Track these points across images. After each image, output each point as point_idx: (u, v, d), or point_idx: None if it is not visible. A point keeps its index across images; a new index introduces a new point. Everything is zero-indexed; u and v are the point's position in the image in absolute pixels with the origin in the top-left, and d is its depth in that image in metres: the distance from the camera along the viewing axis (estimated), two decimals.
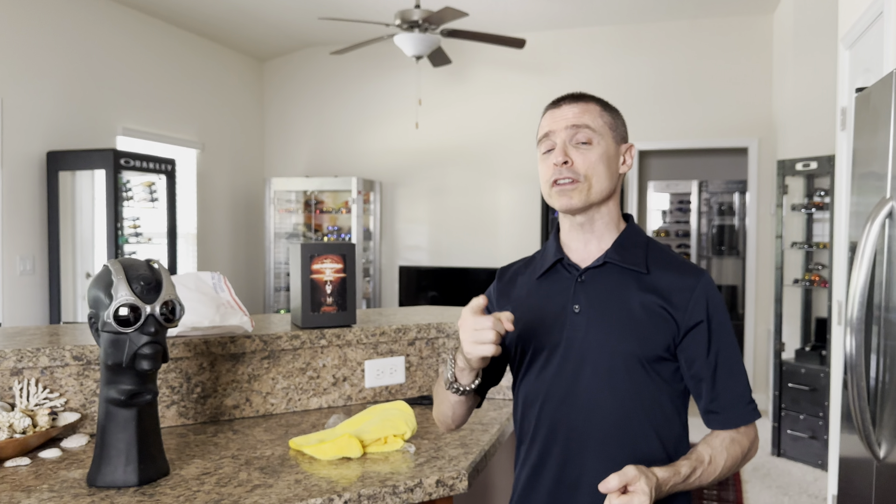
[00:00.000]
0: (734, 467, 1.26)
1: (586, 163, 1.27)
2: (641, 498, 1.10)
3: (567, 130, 1.28)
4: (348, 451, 1.57)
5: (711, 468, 1.23)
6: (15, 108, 4.52)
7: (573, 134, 1.28)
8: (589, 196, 1.28)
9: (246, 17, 5.94)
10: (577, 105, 1.30)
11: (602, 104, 1.33)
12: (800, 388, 4.45)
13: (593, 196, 1.28)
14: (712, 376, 1.27)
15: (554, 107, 1.33)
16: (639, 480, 1.11)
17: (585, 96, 1.33)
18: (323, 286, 2.05)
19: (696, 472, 1.21)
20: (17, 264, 4.57)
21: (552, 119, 1.31)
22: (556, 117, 1.31)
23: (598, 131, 1.29)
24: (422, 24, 4.51)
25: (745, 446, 1.28)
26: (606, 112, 1.32)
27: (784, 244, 4.73)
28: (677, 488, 1.20)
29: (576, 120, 1.28)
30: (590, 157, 1.28)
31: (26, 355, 1.68)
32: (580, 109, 1.30)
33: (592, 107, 1.31)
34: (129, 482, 1.39)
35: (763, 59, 5.81)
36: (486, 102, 6.55)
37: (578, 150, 1.28)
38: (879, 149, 1.82)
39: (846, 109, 3.03)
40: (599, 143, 1.29)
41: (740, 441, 1.27)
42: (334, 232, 6.78)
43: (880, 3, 2.49)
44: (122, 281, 1.38)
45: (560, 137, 1.29)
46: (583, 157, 1.27)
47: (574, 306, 1.30)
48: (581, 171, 1.27)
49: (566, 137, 1.28)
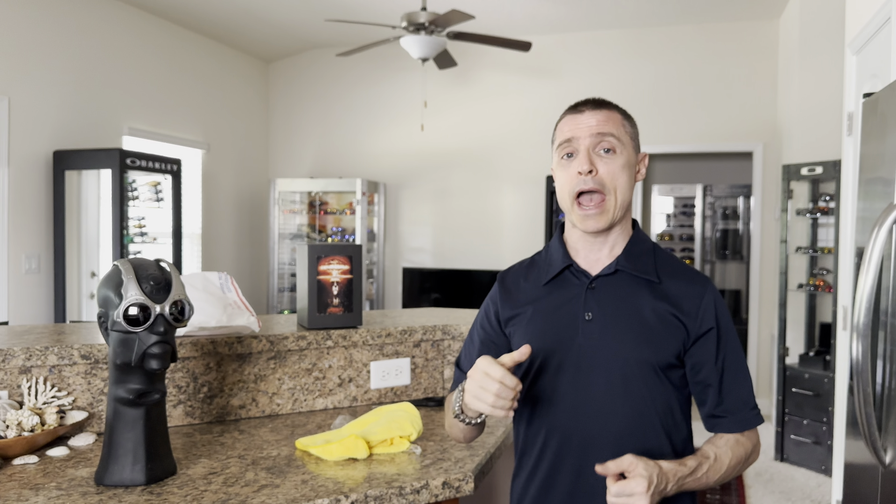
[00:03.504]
0: (738, 468, 1.27)
1: (610, 172, 1.26)
2: (639, 481, 1.10)
3: (591, 138, 1.26)
4: (355, 452, 1.57)
5: (717, 465, 1.23)
6: (22, 108, 4.53)
7: (597, 142, 1.26)
8: (614, 215, 1.27)
9: (252, 19, 5.95)
10: (600, 112, 1.28)
11: (623, 113, 1.32)
12: (803, 394, 4.44)
13: (618, 213, 1.27)
14: (719, 382, 1.28)
15: (575, 111, 1.30)
16: (636, 466, 1.12)
17: (607, 103, 1.31)
18: (329, 287, 2.05)
19: (703, 468, 1.21)
20: (23, 263, 4.58)
21: (574, 124, 1.28)
22: (580, 123, 1.28)
23: (621, 140, 1.27)
24: (428, 26, 4.52)
25: (748, 449, 1.29)
26: (627, 121, 1.31)
27: (789, 249, 4.73)
28: (685, 483, 1.19)
29: (600, 128, 1.26)
30: (613, 167, 1.26)
31: (35, 353, 1.69)
32: (604, 117, 1.28)
33: (615, 115, 1.29)
34: (136, 481, 1.39)
35: (768, 63, 5.81)
36: (492, 105, 6.55)
37: (602, 159, 1.26)
38: (887, 154, 1.82)
39: (853, 115, 3.03)
40: (622, 152, 1.27)
41: (744, 444, 1.28)
42: (338, 233, 6.79)
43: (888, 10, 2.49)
44: (132, 280, 1.38)
45: (583, 144, 1.26)
46: (607, 166, 1.26)
47: (586, 314, 1.28)
48: (605, 180, 1.25)
49: (590, 145, 1.26)
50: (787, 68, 5.28)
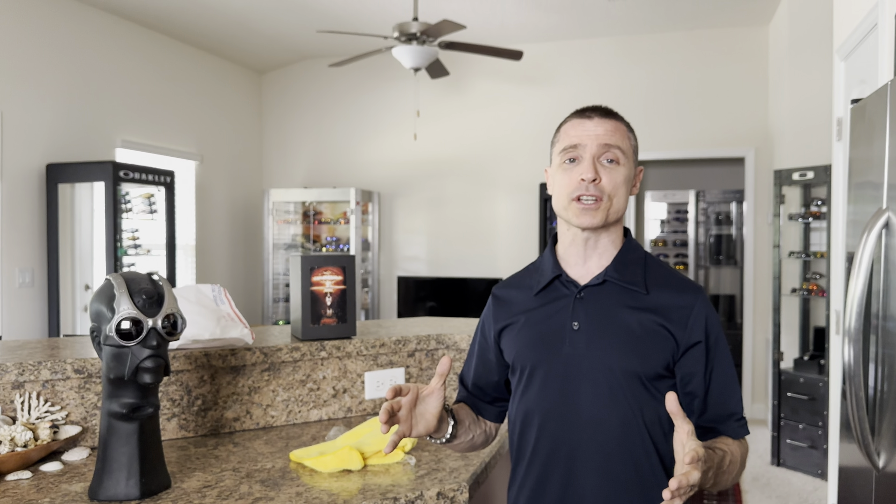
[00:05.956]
0: (739, 471, 1.27)
1: (612, 183, 1.27)
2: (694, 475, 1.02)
3: (599, 147, 1.27)
4: (349, 464, 1.57)
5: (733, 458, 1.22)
6: (14, 121, 4.53)
7: (603, 152, 1.27)
8: (608, 216, 1.28)
9: (245, 30, 5.97)
10: (608, 121, 1.29)
11: (628, 126, 1.33)
12: (799, 398, 4.45)
13: (611, 216, 1.28)
14: (706, 392, 1.28)
15: (583, 116, 1.30)
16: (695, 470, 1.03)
17: (614, 113, 1.32)
18: (323, 298, 2.06)
19: (725, 460, 1.19)
20: (17, 276, 4.57)
21: (582, 130, 1.29)
22: (587, 130, 1.28)
23: (625, 153, 1.29)
24: (420, 36, 4.54)
25: (743, 453, 1.30)
26: (631, 134, 1.33)
27: (782, 253, 4.74)
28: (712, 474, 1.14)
29: (608, 138, 1.27)
30: (616, 178, 1.27)
31: (28, 368, 1.68)
32: (612, 127, 1.29)
33: (622, 127, 1.31)
34: (130, 496, 1.39)
35: (759, 69, 5.85)
36: (484, 113, 6.58)
37: (606, 169, 1.27)
38: (875, 159, 1.84)
39: (842, 120, 3.05)
40: (625, 164, 1.29)
41: (739, 447, 1.29)
42: (333, 243, 6.79)
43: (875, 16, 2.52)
44: (124, 294, 1.39)
45: (589, 152, 1.27)
46: (610, 176, 1.27)
47: (573, 323, 1.29)
48: (607, 190, 1.26)
49: (596, 153, 1.27)
50: (778, 74, 5.32)
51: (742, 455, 1.28)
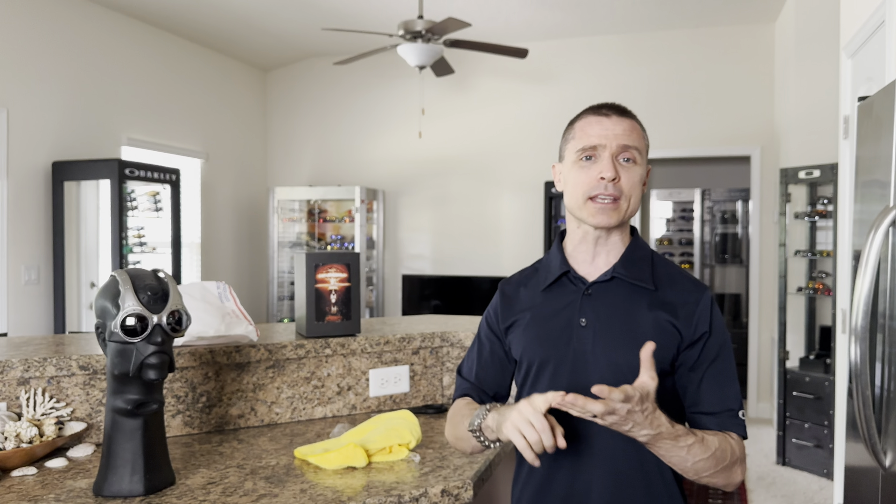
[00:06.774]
0: (721, 465, 1.21)
1: (630, 182, 1.27)
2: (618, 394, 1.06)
3: (618, 147, 1.27)
4: (353, 461, 1.57)
5: (703, 445, 1.18)
6: (20, 119, 4.54)
7: (621, 151, 1.27)
8: (623, 216, 1.28)
9: (249, 28, 5.97)
10: (626, 121, 1.29)
11: (642, 125, 1.34)
12: (804, 397, 4.44)
13: (626, 216, 1.29)
14: (700, 381, 1.27)
15: (600, 114, 1.30)
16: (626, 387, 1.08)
17: (629, 112, 1.32)
18: (327, 295, 2.05)
19: (688, 439, 1.17)
20: (23, 274, 4.58)
21: (600, 128, 1.28)
22: (606, 129, 1.28)
23: (641, 153, 1.30)
24: (425, 34, 4.53)
25: (734, 449, 1.24)
26: (645, 134, 1.34)
27: (787, 252, 4.73)
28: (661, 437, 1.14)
29: (626, 139, 1.27)
30: (633, 178, 1.28)
31: (33, 365, 1.69)
32: (630, 127, 1.29)
33: (637, 127, 1.31)
34: (135, 492, 1.39)
35: (765, 67, 5.83)
36: (489, 111, 6.57)
37: (624, 168, 1.27)
38: (882, 157, 1.83)
39: (848, 118, 3.04)
40: (640, 164, 1.29)
41: (730, 442, 1.24)
42: (337, 241, 6.79)
43: (882, 13, 2.50)
44: (129, 291, 1.39)
45: (608, 151, 1.27)
46: (628, 175, 1.27)
47: (581, 319, 1.30)
48: (625, 189, 1.27)
49: (614, 152, 1.27)
50: (784, 72, 5.29)
51: (731, 449, 1.23)
